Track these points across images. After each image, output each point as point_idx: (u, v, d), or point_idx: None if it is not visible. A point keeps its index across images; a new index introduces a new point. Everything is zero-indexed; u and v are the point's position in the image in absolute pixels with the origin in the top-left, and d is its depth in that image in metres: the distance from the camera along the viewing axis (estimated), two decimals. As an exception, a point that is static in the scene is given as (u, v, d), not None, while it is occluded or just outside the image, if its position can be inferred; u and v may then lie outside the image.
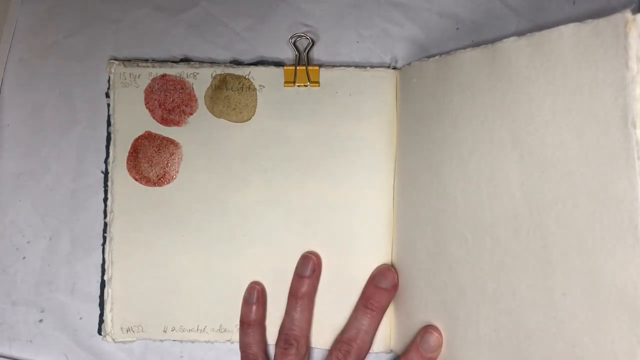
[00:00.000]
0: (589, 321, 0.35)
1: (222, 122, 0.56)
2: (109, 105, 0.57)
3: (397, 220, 0.55)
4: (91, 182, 0.58)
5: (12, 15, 0.58)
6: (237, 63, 0.57)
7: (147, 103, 0.56)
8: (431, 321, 0.49)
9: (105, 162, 0.57)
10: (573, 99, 0.35)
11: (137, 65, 0.57)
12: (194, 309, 0.56)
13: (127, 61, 0.57)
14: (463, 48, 0.46)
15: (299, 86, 0.56)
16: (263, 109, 0.56)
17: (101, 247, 0.57)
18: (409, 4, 0.57)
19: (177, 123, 0.56)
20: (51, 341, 0.57)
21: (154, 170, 0.56)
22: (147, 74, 0.56)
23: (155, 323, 0.56)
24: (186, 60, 0.58)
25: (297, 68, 0.56)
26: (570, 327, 0.36)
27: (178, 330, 0.56)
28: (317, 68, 0.56)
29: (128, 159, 0.56)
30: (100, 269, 0.57)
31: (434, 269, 0.49)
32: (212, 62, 0.57)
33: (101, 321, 0.56)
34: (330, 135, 0.56)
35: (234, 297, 0.56)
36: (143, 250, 0.56)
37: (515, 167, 0.40)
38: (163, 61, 0.57)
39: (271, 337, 0.56)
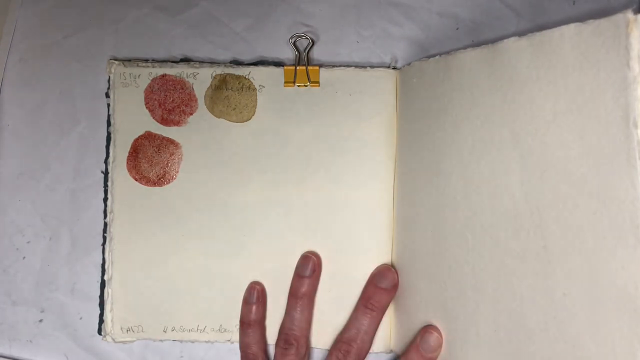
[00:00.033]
0: (590, 321, 0.35)
1: (222, 122, 0.56)
2: (109, 105, 0.57)
3: (397, 220, 0.55)
4: (91, 182, 0.58)
5: (12, 15, 0.58)
6: (237, 63, 0.57)
7: (147, 103, 0.56)
8: (431, 321, 0.49)
9: (105, 162, 0.57)
10: (574, 99, 0.35)
11: (137, 65, 0.57)
12: (194, 309, 0.56)
13: (127, 61, 0.57)
14: (463, 48, 0.47)
15: (299, 86, 0.56)
16: (263, 109, 0.56)
17: (101, 247, 0.57)
18: (409, 4, 0.57)
19: (177, 123, 0.56)
20: (51, 341, 0.57)
21: (154, 170, 0.56)
22: (147, 74, 0.56)
23: (155, 323, 0.56)
24: (186, 60, 0.58)
25: (297, 68, 0.56)
26: (570, 328, 0.36)
27: (178, 330, 0.56)
28: (317, 68, 0.56)
29: (128, 159, 0.56)
30: (100, 269, 0.57)
31: (434, 269, 0.49)
32: (212, 62, 0.57)
33: (101, 321, 0.56)
34: (330, 135, 0.56)
35: (234, 297, 0.56)
36: (143, 250, 0.56)
37: (515, 167, 0.40)
38: (163, 61, 0.57)
39: (271, 337, 0.56)
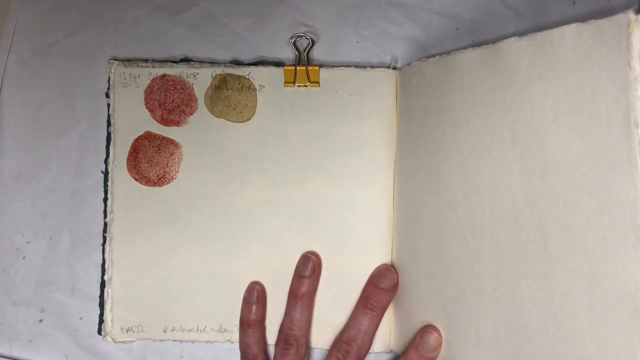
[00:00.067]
0: (590, 321, 0.35)
1: (222, 122, 0.56)
2: (109, 105, 0.57)
3: (397, 220, 0.55)
4: (91, 182, 0.58)
5: (12, 15, 0.58)
6: (237, 63, 0.57)
7: (147, 103, 0.56)
8: (431, 321, 0.49)
9: (105, 162, 0.57)
10: (575, 99, 0.35)
11: (137, 65, 0.57)
12: (193, 309, 0.56)
13: (127, 61, 0.57)
14: (463, 48, 0.47)
15: (299, 86, 0.56)
16: (263, 109, 0.56)
17: (101, 247, 0.57)
18: (409, 4, 0.57)
19: (177, 123, 0.56)
20: (51, 341, 0.57)
21: (154, 170, 0.56)
22: (147, 74, 0.56)
23: (155, 323, 0.56)
24: (186, 60, 0.58)
25: (297, 68, 0.56)
26: (570, 328, 0.36)
27: (178, 330, 0.56)
28: (317, 68, 0.56)
29: (128, 159, 0.56)
30: (100, 269, 0.57)
31: (434, 269, 0.49)
32: (212, 62, 0.57)
33: (101, 321, 0.56)
34: (330, 135, 0.56)
35: (234, 297, 0.56)
36: (143, 250, 0.56)
37: (515, 167, 0.40)
38: (163, 61, 0.57)
39: (271, 337, 0.56)
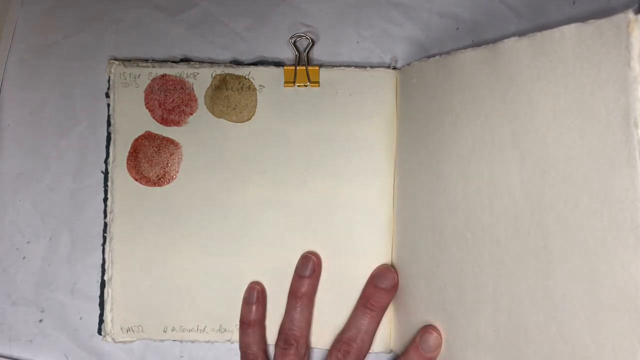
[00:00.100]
0: (590, 321, 0.35)
1: (222, 122, 0.56)
2: (109, 105, 0.57)
3: (397, 220, 0.55)
4: (91, 182, 0.57)
5: (12, 15, 0.58)
6: (237, 63, 0.57)
7: (147, 103, 0.56)
8: (431, 321, 0.49)
9: (105, 162, 0.57)
10: (574, 99, 0.35)
11: (137, 65, 0.56)
12: (194, 309, 0.56)
13: (127, 61, 0.57)
14: (463, 48, 0.47)
15: (299, 86, 0.56)
16: (263, 109, 0.56)
17: (101, 247, 0.57)
18: (409, 4, 0.57)
19: (177, 123, 0.56)
20: (51, 341, 0.57)
21: (154, 170, 0.56)
22: (147, 74, 0.56)
23: (155, 323, 0.56)
24: (186, 60, 0.58)
25: (297, 68, 0.56)
26: (570, 328, 0.36)
27: (178, 330, 0.56)
28: (317, 68, 0.56)
29: (128, 159, 0.56)
30: (100, 269, 0.57)
31: (434, 269, 0.49)
32: (212, 62, 0.57)
33: (101, 321, 0.56)
34: (330, 135, 0.56)
35: (234, 297, 0.56)
36: (143, 250, 0.56)
37: (515, 167, 0.40)
38: (163, 61, 0.57)
39: (271, 337, 0.56)
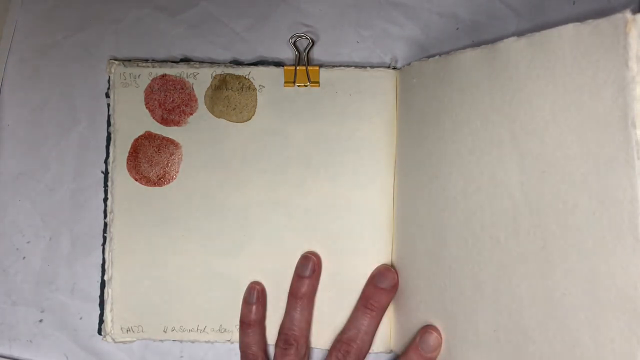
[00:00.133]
0: (589, 321, 0.35)
1: (222, 122, 0.56)
2: (109, 105, 0.57)
3: (397, 220, 0.55)
4: (91, 182, 0.58)
5: (12, 15, 0.58)
6: (237, 63, 0.57)
7: (147, 103, 0.56)
8: (431, 321, 0.49)
9: (105, 162, 0.57)
10: (573, 99, 0.35)
11: (137, 65, 0.57)
12: (194, 309, 0.56)
13: (127, 61, 0.57)
14: (463, 48, 0.46)
15: (299, 86, 0.56)
16: (263, 109, 0.56)
17: (101, 247, 0.57)
18: (409, 4, 0.57)
19: (177, 123, 0.56)
20: (51, 341, 0.57)
21: (154, 170, 0.56)
22: (147, 74, 0.56)
23: (155, 323, 0.56)
24: (186, 60, 0.58)
25: (297, 68, 0.56)
26: (569, 328, 0.36)
27: (178, 330, 0.56)
28: (317, 68, 0.56)
29: (128, 159, 0.56)
30: (100, 269, 0.57)
31: (434, 269, 0.49)
32: (212, 62, 0.57)
33: (101, 321, 0.56)
34: (330, 135, 0.56)
35: (234, 297, 0.56)
36: (143, 250, 0.56)
37: (515, 167, 0.40)
38: (163, 61, 0.57)
39: (271, 337, 0.56)
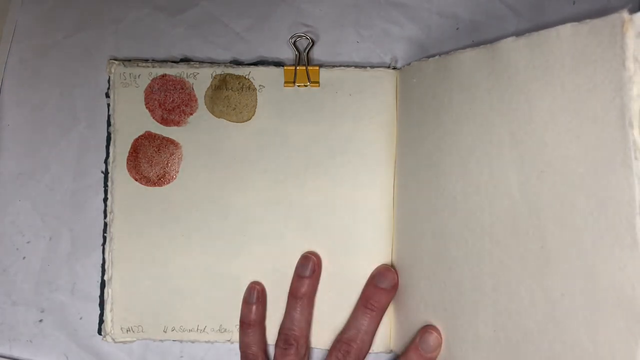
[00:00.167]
0: (588, 322, 0.35)
1: (222, 122, 0.56)
2: (109, 105, 0.57)
3: (397, 220, 0.55)
4: (91, 182, 0.58)
5: (12, 15, 0.58)
6: (237, 63, 0.57)
7: (147, 103, 0.56)
8: (431, 321, 0.49)
9: (105, 162, 0.57)
10: (571, 99, 0.35)
11: (137, 65, 0.57)
12: (193, 309, 0.56)
13: (127, 61, 0.57)
14: (463, 48, 0.46)
15: (299, 86, 0.56)
16: (263, 109, 0.56)
17: (101, 247, 0.57)
18: (409, 4, 0.57)
19: (177, 123, 0.56)
20: (51, 341, 0.57)
21: (154, 170, 0.56)
22: (147, 74, 0.56)
23: (155, 323, 0.56)
24: (186, 60, 0.58)
25: (297, 68, 0.56)
26: (568, 328, 0.36)
27: (178, 330, 0.56)
28: (317, 68, 0.56)
29: (128, 159, 0.56)
30: (100, 269, 0.57)
31: (433, 269, 0.49)
32: (212, 62, 0.57)
33: (101, 321, 0.56)
34: (330, 135, 0.56)
35: (234, 297, 0.56)
36: (143, 250, 0.56)
37: (514, 168, 0.40)
38: (163, 61, 0.57)
39: (271, 337, 0.56)
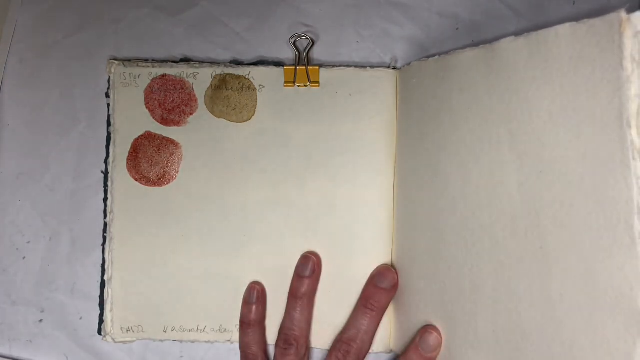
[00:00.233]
0: (586, 322, 0.35)
1: (222, 122, 0.56)
2: (109, 105, 0.57)
3: (397, 220, 0.55)
4: (91, 182, 0.58)
5: (12, 15, 0.58)
6: (237, 63, 0.57)
7: (147, 103, 0.56)
8: (431, 321, 0.49)
9: (105, 162, 0.57)
10: (570, 98, 0.35)
11: (137, 65, 0.57)
12: (194, 309, 0.56)
13: (127, 61, 0.57)
14: (463, 48, 0.46)
15: (299, 86, 0.56)
16: (263, 109, 0.56)
17: (101, 247, 0.57)
18: (409, 4, 0.57)
19: (177, 123, 0.56)
20: (51, 341, 0.57)
21: (154, 170, 0.56)
22: (147, 74, 0.56)
23: (155, 323, 0.56)
24: (186, 60, 0.58)
25: (297, 68, 0.56)
26: (567, 328, 0.36)
27: (178, 330, 0.56)
28: (317, 68, 0.56)
29: (128, 159, 0.56)
30: (100, 269, 0.57)
31: (433, 269, 0.49)
32: (212, 62, 0.57)
33: (101, 321, 0.56)
34: (330, 135, 0.56)
35: (234, 297, 0.56)
36: (143, 250, 0.56)
37: (513, 168, 0.40)
38: (163, 61, 0.57)
39: (271, 337, 0.56)
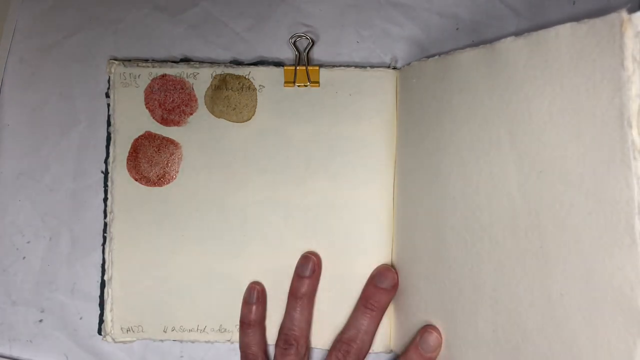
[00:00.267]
0: (586, 321, 0.35)
1: (222, 122, 0.56)
2: (109, 105, 0.57)
3: (397, 220, 0.55)
4: (91, 182, 0.58)
5: (12, 15, 0.58)
6: (237, 63, 0.57)
7: (147, 103, 0.56)
8: (431, 321, 0.49)
9: (105, 162, 0.57)
10: (570, 98, 0.35)
11: (137, 65, 0.57)
12: (194, 309, 0.56)
13: (127, 61, 0.57)
14: (463, 48, 0.46)
15: (299, 86, 0.56)
16: (263, 109, 0.56)
17: (101, 247, 0.57)
18: (409, 4, 0.57)
19: (177, 123, 0.56)
20: (51, 341, 0.57)
21: (154, 170, 0.56)
22: (147, 74, 0.56)
23: (155, 323, 0.56)
24: (186, 60, 0.58)
25: (297, 68, 0.56)
26: (567, 328, 0.36)
27: (178, 330, 0.56)
28: (317, 68, 0.56)
29: (128, 159, 0.56)
30: (100, 269, 0.57)
31: (433, 269, 0.49)
32: (212, 62, 0.57)
33: (101, 321, 0.56)
34: (330, 135, 0.56)
35: (234, 297, 0.56)
36: (143, 250, 0.56)
37: (513, 168, 0.40)
38: (163, 61, 0.57)
39: (271, 337, 0.56)
